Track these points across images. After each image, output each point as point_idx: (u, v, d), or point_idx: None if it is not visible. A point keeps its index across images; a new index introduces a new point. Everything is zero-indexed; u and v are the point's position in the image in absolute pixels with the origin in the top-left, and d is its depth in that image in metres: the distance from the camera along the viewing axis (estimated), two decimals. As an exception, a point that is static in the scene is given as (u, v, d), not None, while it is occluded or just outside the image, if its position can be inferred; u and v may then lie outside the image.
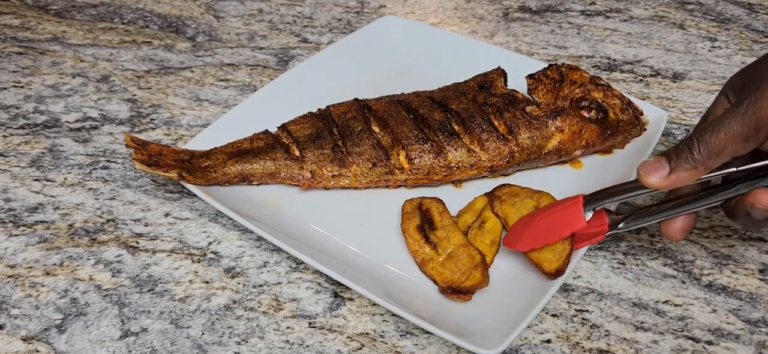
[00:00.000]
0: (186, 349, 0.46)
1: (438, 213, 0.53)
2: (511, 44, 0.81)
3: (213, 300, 0.50)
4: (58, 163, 0.63)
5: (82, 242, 0.54)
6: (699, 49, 0.79)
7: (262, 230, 0.51)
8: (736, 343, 0.46)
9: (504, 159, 0.57)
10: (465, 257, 0.50)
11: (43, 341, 0.47)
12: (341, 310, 0.49)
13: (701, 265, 0.52)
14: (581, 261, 0.52)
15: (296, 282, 0.51)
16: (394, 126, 0.58)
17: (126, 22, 0.86)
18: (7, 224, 0.56)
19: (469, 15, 0.88)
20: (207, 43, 0.81)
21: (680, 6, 0.89)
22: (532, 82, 0.60)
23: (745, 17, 0.86)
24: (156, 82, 0.74)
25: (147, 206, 0.58)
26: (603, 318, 0.48)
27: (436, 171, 0.57)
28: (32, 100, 0.71)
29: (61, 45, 0.80)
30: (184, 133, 0.66)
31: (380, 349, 0.46)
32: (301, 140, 0.58)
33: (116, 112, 0.69)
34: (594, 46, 0.80)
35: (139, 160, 0.54)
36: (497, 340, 0.43)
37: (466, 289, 0.48)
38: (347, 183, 0.57)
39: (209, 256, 0.53)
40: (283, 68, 0.77)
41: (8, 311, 0.49)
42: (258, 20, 0.86)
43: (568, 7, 0.89)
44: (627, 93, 0.69)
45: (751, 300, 0.49)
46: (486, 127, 0.57)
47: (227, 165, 0.56)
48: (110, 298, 0.50)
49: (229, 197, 0.55)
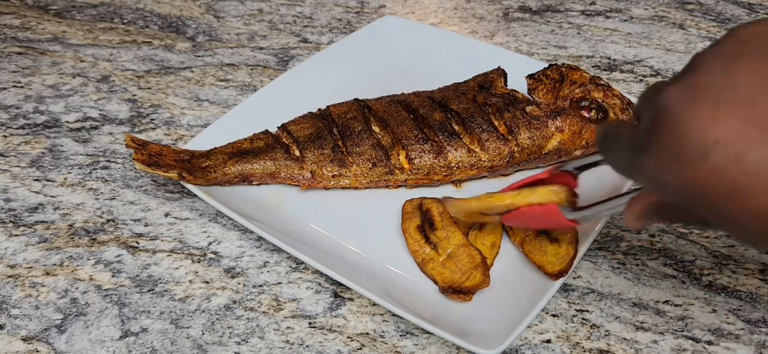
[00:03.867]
0: (186, 349, 0.46)
1: (438, 213, 0.53)
2: (511, 44, 0.81)
3: (213, 300, 0.50)
4: (58, 163, 0.63)
5: (82, 242, 0.54)
6: (699, 49, 0.79)
7: (262, 230, 0.51)
8: (736, 343, 0.46)
9: (504, 159, 0.57)
10: (465, 257, 0.50)
11: (43, 341, 0.47)
12: (341, 310, 0.49)
13: (701, 265, 0.52)
14: (581, 261, 0.52)
15: (296, 282, 0.51)
16: (394, 126, 0.58)
17: (126, 22, 0.86)
18: (7, 224, 0.56)
19: (469, 15, 0.88)
20: (207, 43, 0.81)
21: (680, 6, 0.89)
22: (532, 82, 0.60)
23: (745, 17, 0.86)
24: (156, 82, 0.74)
25: (147, 206, 0.58)
26: (603, 318, 0.48)
27: (436, 171, 0.57)
28: (32, 100, 0.71)
29: (61, 45, 0.80)
30: (184, 133, 0.66)
31: (380, 349, 0.46)
32: (301, 140, 0.58)
33: (116, 112, 0.69)
34: (594, 46, 0.80)
35: (139, 160, 0.54)
36: (497, 340, 0.43)
37: (466, 289, 0.48)
38: (347, 183, 0.57)
39: (209, 256, 0.53)
40: (283, 68, 0.76)
41: (8, 311, 0.49)
42: (258, 20, 0.86)
43: (568, 7, 0.89)
44: (627, 93, 0.69)
45: (751, 300, 0.49)
46: (486, 127, 0.57)
47: (227, 165, 0.56)
48: (110, 298, 0.50)
49: (229, 197, 0.55)
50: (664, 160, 0.30)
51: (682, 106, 0.29)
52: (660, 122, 0.30)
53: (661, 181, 0.31)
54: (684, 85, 0.30)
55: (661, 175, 0.31)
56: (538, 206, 0.46)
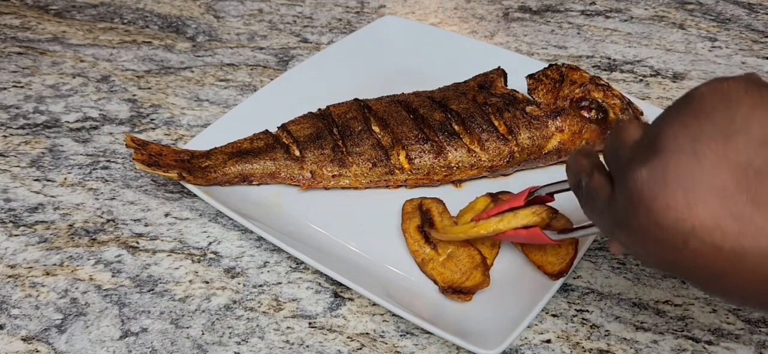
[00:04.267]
0: (186, 349, 0.46)
1: (438, 213, 0.53)
2: (511, 44, 0.81)
3: (213, 300, 0.50)
4: (58, 163, 0.63)
5: (82, 242, 0.54)
6: (699, 49, 0.79)
7: (262, 230, 0.51)
8: (736, 343, 0.46)
9: (504, 159, 0.57)
10: (465, 257, 0.50)
11: (43, 341, 0.47)
12: (341, 310, 0.49)
13: (701, 265, 0.52)
14: (581, 261, 0.52)
15: (296, 282, 0.51)
16: (394, 126, 0.58)
17: (126, 22, 0.86)
18: (7, 224, 0.56)
19: (469, 15, 0.88)
20: (207, 43, 0.81)
21: (680, 6, 0.89)
22: (532, 82, 0.60)
23: (745, 17, 0.86)
24: (156, 82, 0.74)
25: (147, 206, 0.58)
26: (603, 318, 0.48)
27: (436, 171, 0.57)
28: (32, 100, 0.71)
29: (61, 45, 0.80)
30: (184, 133, 0.66)
31: (380, 349, 0.46)
32: (301, 140, 0.58)
33: (116, 112, 0.69)
34: (594, 46, 0.80)
35: (139, 160, 0.54)
36: (497, 340, 0.43)
37: (466, 289, 0.48)
38: (347, 183, 0.57)
39: (209, 256, 0.53)
40: (283, 68, 0.76)
41: (8, 311, 0.49)
42: (258, 20, 0.86)
43: (568, 7, 0.89)
44: (627, 93, 0.69)
45: (751, 300, 0.49)
46: (486, 127, 0.57)
47: (227, 165, 0.56)
48: (110, 298, 0.50)
49: (229, 197, 0.55)
50: (643, 242, 0.31)
51: (655, 193, 0.30)
52: (635, 206, 0.31)
53: (644, 257, 0.32)
54: (653, 169, 0.30)
55: (643, 254, 0.32)
56: (523, 229, 0.47)
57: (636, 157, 0.31)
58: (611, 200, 0.33)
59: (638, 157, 0.31)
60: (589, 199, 0.36)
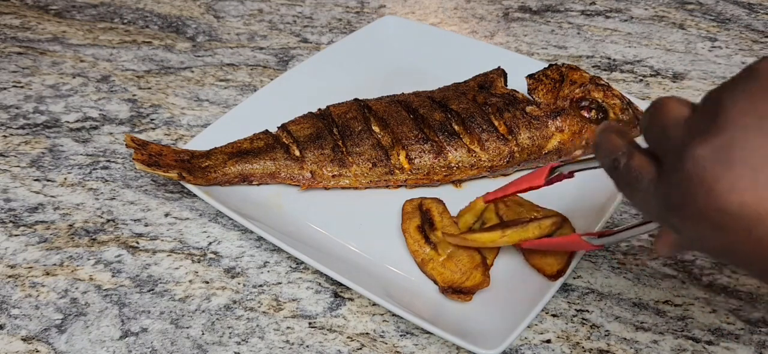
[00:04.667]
0: (186, 349, 0.46)
1: (438, 213, 0.53)
2: (511, 44, 0.81)
3: (213, 300, 0.50)
4: (58, 163, 0.63)
5: (82, 242, 0.54)
6: (699, 49, 0.79)
7: (262, 230, 0.51)
8: (736, 343, 0.46)
9: (504, 159, 0.57)
10: (465, 257, 0.50)
11: (43, 341, 0.47)
12: (341, 310, 0.49)
13: (701, 265, 0.52)
14: (581, 261, 0.52)
15: (296, 282, 0.51)
16: (394, 126, 0.58)
17: (126, 22, 0.86)
18: (7, 224, 0.56)
19: (469, 15, 0.88)
20: (207, 43, 0.81)
21: (680, 6, 0.89)
22: (532, 82, 0.60)
23: (745, 17, 0.86)
24: (156, 82, 0.74)
25: (147, 206, 0.58)
26: (603, 318, 0.48)
27: (436, 171, 0.57)
28: (32, 100, 0.71)
29: (61, 45, 0.80)
30: (184, 133, 0.66)
31: (380, 349, 0.46)
32: (301, 140, 0.58)
33: (116, 112, 0.69)
34: (594, 46, 0.80)
35: (139, 160, 0.54)
36: (497, 340, 0.43)
37: (466, 289, 0.48)
38: (347, 183, 0.57)
39: (209, 256, 0.53)
40: (283, 68, 0.77)
41: (8, 311, 0.49)
42: (258, 20, 0.86)
43: (568, 7, 0.89)
44: (627, 93, 0.69)
45: (751, 300, 0.49)
46: (486, 127, 0.57)
47: (227, 165, 0.56)
48: (110, 298, 0.50)
49: (229, 197, 0.55)
50: (701, 228, 0.29)
51: (718, 173, 0.27)
52: (694, 188, 0.28)
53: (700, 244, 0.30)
54: (717, 147, 0.28)
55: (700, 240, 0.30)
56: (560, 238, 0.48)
57: (694, 135, 0.28)
58: (659, 181, 0.31)
59: (697, 135, 0.28)
60: (630, 179, 0.33)
